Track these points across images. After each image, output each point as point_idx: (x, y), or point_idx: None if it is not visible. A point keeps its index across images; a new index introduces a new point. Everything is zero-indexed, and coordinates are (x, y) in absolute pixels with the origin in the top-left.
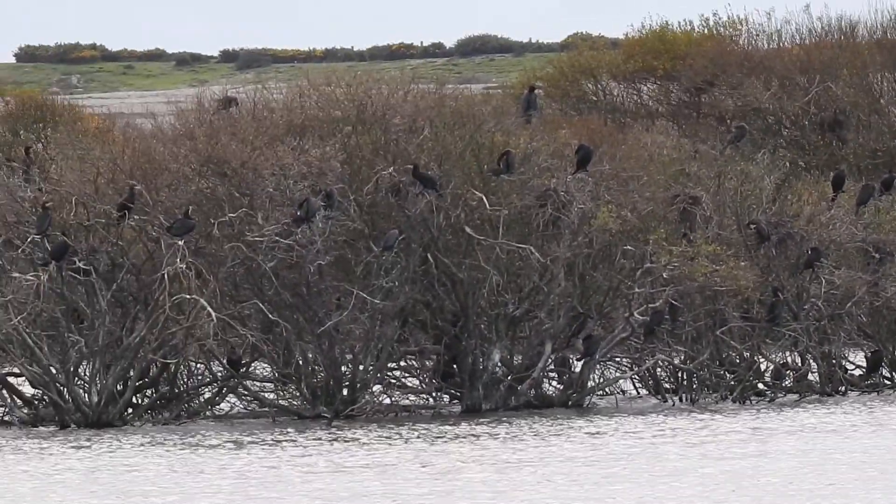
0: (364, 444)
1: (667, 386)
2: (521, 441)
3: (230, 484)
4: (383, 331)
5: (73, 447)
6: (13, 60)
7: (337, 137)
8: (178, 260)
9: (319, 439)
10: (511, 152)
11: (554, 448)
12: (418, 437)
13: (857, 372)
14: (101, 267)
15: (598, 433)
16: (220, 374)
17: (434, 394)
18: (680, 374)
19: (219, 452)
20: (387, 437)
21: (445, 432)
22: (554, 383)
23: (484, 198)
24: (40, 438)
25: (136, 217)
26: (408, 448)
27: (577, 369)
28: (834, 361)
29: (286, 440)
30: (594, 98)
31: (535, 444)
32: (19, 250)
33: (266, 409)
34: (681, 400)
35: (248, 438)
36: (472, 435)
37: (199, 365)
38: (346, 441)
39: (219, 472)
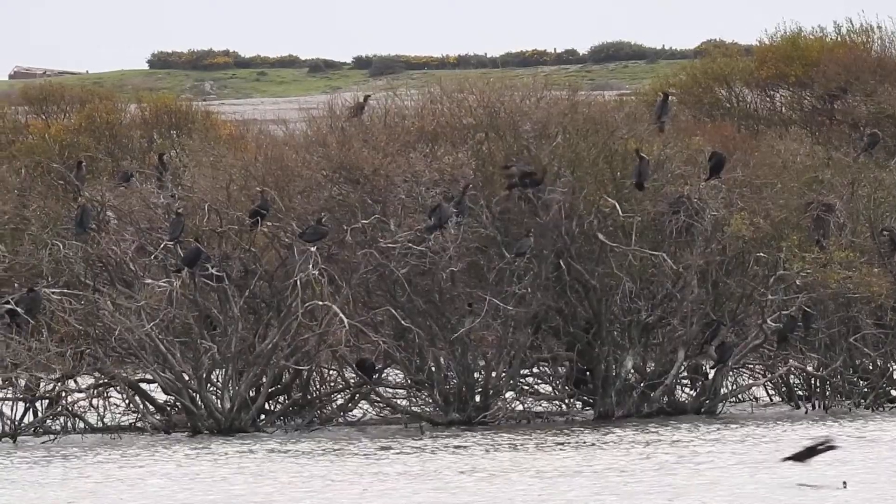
0: (492, 448)
1: (800, 393)
2: (652, 447)
3: (359, 490)
4: (516, 337)
5: (205, 453)
6: (146, 67)
7: (469, 144)
8: (311, 266)
9: (447, 446)
10: (644, 158)
11: (682, 454)
12: (543, 443)
13: None
14: (233, 273)
15: (730, 440)
16: (352, 380)
17: (567, 400)
18: (813, 381)
19: (351, 459)
20: (513, 443)
21: (572, 438)
22: (687, 390)
23: (617, 205)
24: (173, 444)
25: (268, 223)
26: (528, 453)
27: (710, 376)
28: None
29: (416, 446)
30: (727, 105)
31: (665, 450)
32: (152, 256)
33: (398, 415)
34: (814, 407)
35: (379, 445)
36: (603, 442)
37: (331, 371)
38: (475, 447)
39: (349, 479)
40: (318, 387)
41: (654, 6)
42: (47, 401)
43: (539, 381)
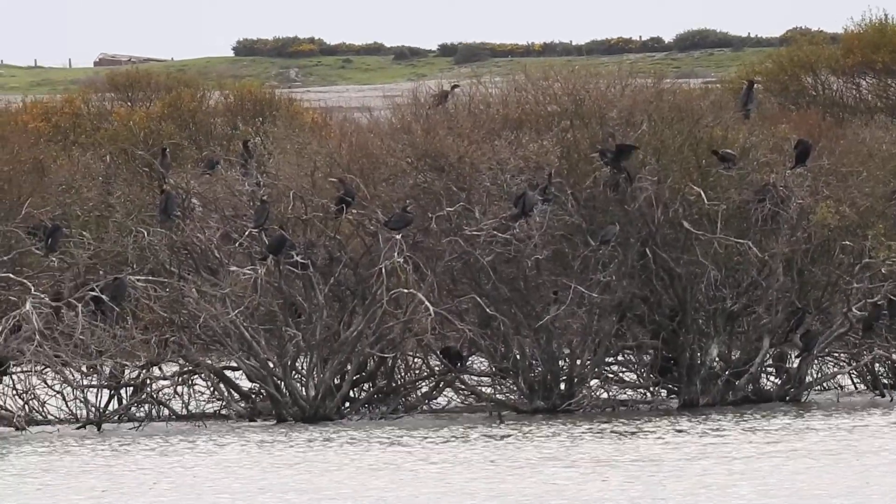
0: (574, 437)
1: (885, 381)
2: (737, 434)
3: (441, 477)
4: (601, 325)
5: (290, 441)
6: (232, 54)
7: (554, 131)
8: (396, 254)
9: (530, 433)
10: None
11: (766, 442)
12: (627, 432)
13: None
14: (318, 261)
15: (815, 429)
16: (437, 368)
17: (651, 388)
18: None
19: (436, 447)
20: (597, 431)
21: (652, 427)
22: (772, 378)
23: (702, 193)
24: (257, 432)
25: (353, 211)
26: (612, 442)
27: (795, 364)
28: None
29: (500, 434)
30: (813, 93)
31: (749, 438)
32: (237, 244)
33: (483, 403)
34: None
35: (464, 433)
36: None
37: (416, 359)
38: (558, 435)
39: (430, 466)
40: (402, 374)
41: None
42: (132, 388)
43: (624, 369)
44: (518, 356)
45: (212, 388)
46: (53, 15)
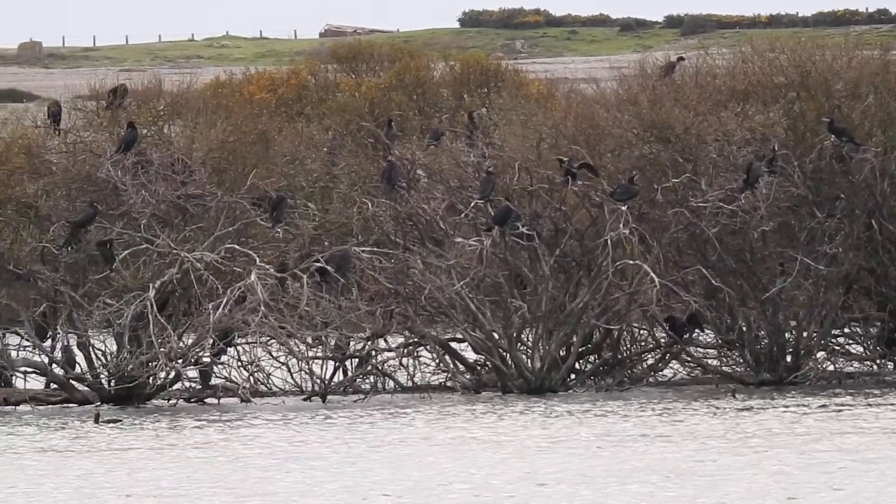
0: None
1: None
2: None
3: (665, 451)
4: (827, 297)
5: (516, 413)
6: (457, 25)
7: (780, 103)
8: (622, 225)
9: (750, 407)
10: None
11: None
12: (854, 405)
13: None
14: (544, 232)
15: None
16: (662, 340)
17: (878, 361)
18: None
19: (658, 419)
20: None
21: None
22: None
23: None
24: (483, 404)
25: (579, 182)
26: (838, 415)
27: None
28: None
29: (722, 407)
30: None
31: None
32: (462, 215)
33: (709, 375)
34: None
35: (688, 405)
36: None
37: (642, 331)
38: (786, 408)
39: (657, 438)
40: (628, 346)
41: None
42: (357, 360)
43: (850, 342)
44: (744, 328)
45: (437, 360)
46: None
